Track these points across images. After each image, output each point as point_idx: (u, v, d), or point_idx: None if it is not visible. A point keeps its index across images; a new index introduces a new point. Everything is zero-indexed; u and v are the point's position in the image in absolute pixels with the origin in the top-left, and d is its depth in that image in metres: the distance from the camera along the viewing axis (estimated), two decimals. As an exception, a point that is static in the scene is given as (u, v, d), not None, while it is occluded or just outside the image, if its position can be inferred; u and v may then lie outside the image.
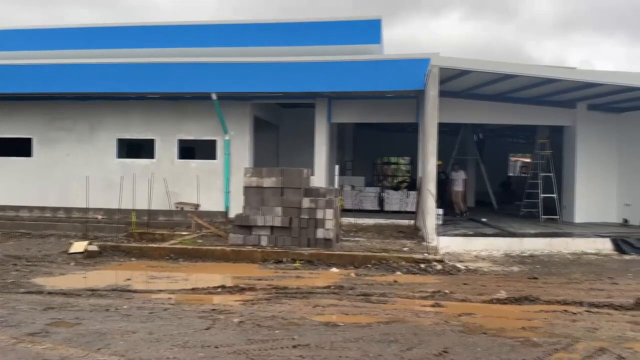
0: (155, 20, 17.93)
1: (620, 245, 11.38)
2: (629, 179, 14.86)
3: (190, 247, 10.35)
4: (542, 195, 15.42)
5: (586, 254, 11.11)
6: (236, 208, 13.26)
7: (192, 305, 6.53)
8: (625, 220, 14.78)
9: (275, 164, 18.26)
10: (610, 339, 5.32)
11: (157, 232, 12.18)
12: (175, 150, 15.69)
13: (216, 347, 4.93)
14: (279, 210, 10.58)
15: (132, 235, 11.97)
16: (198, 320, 5.83)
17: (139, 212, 13.65)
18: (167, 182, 15.04)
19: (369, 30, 15.28)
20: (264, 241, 10.52)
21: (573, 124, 15.17)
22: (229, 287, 7.49)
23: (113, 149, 15.93)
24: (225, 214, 14.90)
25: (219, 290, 7.35)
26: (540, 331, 5.58)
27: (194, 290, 7.43)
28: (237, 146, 15.33)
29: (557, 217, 15.18)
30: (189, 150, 16.97)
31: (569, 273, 9.03)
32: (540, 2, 75.82)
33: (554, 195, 15.33)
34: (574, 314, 6.25)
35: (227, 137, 15.23)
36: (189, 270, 9.15)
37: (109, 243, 10.91)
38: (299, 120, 18.00)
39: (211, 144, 15.57)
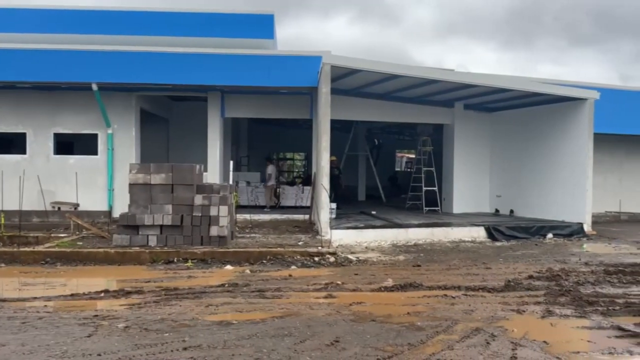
0: (30, 3, 16.28)
1: (493, 233, 12.53)
2: (499, 173, 16.43)
3: (69, 250, 9.56)
4: (425, 188, 16.50)
5: (463, 241, 12.09)
6: (121, 207, 12.53)
7: (71, 312, 6.03)
8: (497, 210, 16.32)
9: (165, 159, 17.51)
10: (485, 319, 5.83)
11: (31, 234, 11.16)
12: (50, 145, 14.42)
13: (99, 354, 4.61)
14: (169, 208, 10.16)
15: (1, 239, 10.85)
16: (78, 327, 5.40)
17: (9, 214, 12.37)
18: (42, 180, 13.81)
19: (263, 25, 15.21)
20: (152, 241, 10.04)
21: (451, 122, 16.41)
22: (114, 291, 7.03)
23: (-24, 143, 14.31)
24: (109, 213, 14.00)
25: (102, 294, 6.87)
26: (423, 315, 5.95)
27: (73, 296, 6.86)
28: (122, 141, 14.46)
29: (438, 208, 16.34)
30: (67, 145, 15.69)
31: (448, 260, 9.75)
32: (420, 10, 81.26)
33: (435, 188, 16.48)
34: (453, 297, 6.76)
35: (110, 131, 14.29)
36: (68, 275, 8.46)
37: (-29, 249, 9.74)
38: (191, 114, 17.43)
39: (92, 139, 14.53)
